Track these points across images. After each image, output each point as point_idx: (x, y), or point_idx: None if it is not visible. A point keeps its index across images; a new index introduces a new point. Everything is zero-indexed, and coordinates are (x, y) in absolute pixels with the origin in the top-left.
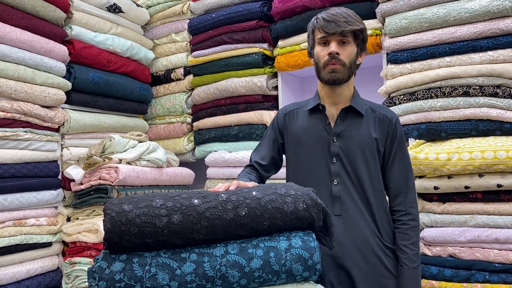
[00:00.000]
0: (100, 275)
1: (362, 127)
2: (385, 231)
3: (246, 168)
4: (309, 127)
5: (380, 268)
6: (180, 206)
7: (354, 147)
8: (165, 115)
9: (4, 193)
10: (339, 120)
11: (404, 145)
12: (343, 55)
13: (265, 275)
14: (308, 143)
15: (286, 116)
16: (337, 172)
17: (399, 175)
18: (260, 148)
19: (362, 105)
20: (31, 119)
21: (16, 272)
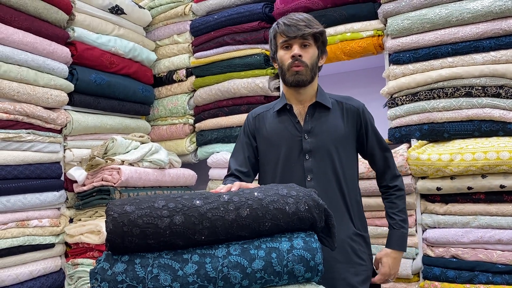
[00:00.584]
0: (102, 276)
1: (330, 120)
2: (357, 219)
3: (228, 178)
4: (279, 128)
5: (353, 256)
6: (182, 207)
7: (325, 141)
8: (167, 116)
9: (7, 194)
10: (308, 117)
11: (375, 128)
12: (306, 57)
13: (267, 276)
14: (279, 143)
15: (256, 119)
16: (310, 168)
17: (380, 158)
18: (236, 154)
19: (328, 99)
20: (33, 121)
21: (19, 273)
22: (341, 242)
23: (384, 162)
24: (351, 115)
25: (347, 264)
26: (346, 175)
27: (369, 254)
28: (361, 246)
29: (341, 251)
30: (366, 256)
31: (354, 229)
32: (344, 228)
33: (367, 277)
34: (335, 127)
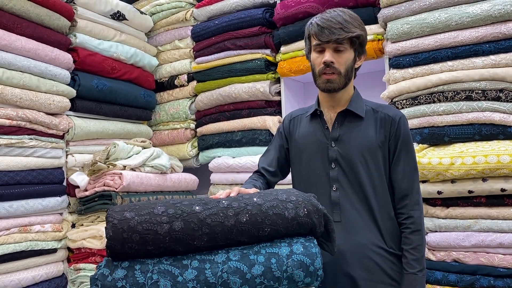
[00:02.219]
0: (103, 282)
1: (361, 130)
2: (390, 237)
3: (254, 174)
4: (309, 133)
5: (380, 275)
6: (181, 213)
7: (353, 151)
8: (169, 121)
9: (9, 200)
10: (337, 124)
11: (410, 145)
12: (339, 63)
13: (267, 282)
14: (308, 149)
15: (291, 122)
16: (335, 178)
17: (403, 176)
18: (268, 154)
19: (362, 106)
20: (36, 127)
21: (21, 278)
22: (365, 259)
23: (408, 184)
24: (385, 125)
25: (374, 282)
26: (376, 189)
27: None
28: (394, 266)
29: (366, 268)
30: (399, 278)
31: (385, 247)
32: (369, 244)
33: None
34: (365, 136)
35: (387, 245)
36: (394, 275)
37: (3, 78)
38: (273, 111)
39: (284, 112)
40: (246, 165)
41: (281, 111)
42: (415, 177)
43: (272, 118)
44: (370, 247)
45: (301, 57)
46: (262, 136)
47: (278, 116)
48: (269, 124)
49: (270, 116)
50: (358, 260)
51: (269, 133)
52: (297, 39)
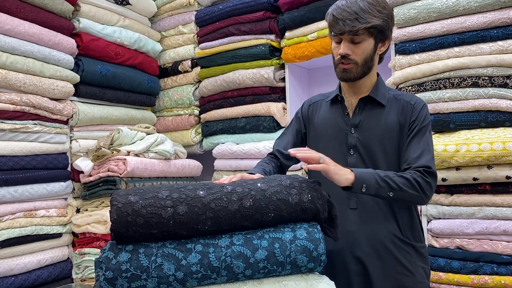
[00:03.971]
0: (107, 265)
1: (382, 117)
2: (406, 227)
3: (267, 156)
4: (329, 118)
5: (394, 264)
6: (185, 198)
7: (372, 139)
8: (172, 107)
9: (14, 184)
10: (358, 110)
11: (427, 131)
12: (355, 53)
13: (270, 266)
14: (327, 134)
15: (310, 107)
16: (353, 164)
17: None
18: (284, 137)
19: (384, 94)
20: (40, 112)
21: (27, 262)
22: (380, 247)
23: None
24: (406, 113)
25: (388, 271)
26: None
27: (423, 267)
28: (410, 256)
29: (380, 256)
30: (414, 268)
31: (401, 237)
32: (385, 232)
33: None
34: (386, 124)
35: (403, 235)
36: (408, 265)
37: (6, 63)
38: (277, 98)
39: (289, 99)
40: (249, 152)
41: (285, 97)
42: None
43: (276, 105)
44: (386, 236)
45: (306, 43)
46: (266, 122)
47: (282, 102)
48: (273, 110)
49: (274, 103)
50: (372, 248)
51: (273, 120)
52: (302, 24)
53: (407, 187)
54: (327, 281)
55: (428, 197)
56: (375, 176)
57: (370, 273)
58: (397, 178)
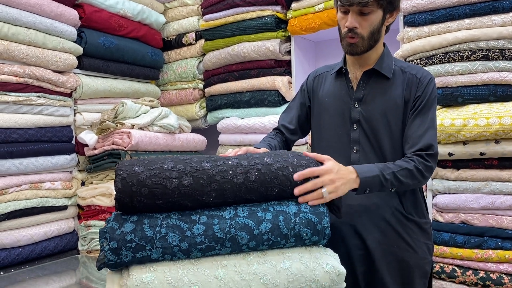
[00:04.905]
0: (112, 235)
1: (387, 91)
2: (409, 202)
3: (272, 131)
4: (333, 92)
5: (396, 240)
6: (190, 169)
7: (376, 113)
8: (176, 81)
9: (19, 157)
10: (362, 84)
11: (432, 108)
12: (363, 26)
13: (274, 238)
14: (331, 109)
15: (316, 79)
16: (357, 139)
17: (415, 131)
18: (289, 111)
19: (390, 66)
20: (43, 84)
21: (33, 234)
22: (382, 221)
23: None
24: (411, 87)
25: (388, 246)
26: (398, 152)
27: (425, 243)
28: (412, 232)
29: (381, 230)
30: (417, 244)
31: (404, 213)
32: (387, 206)
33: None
34: (391, 98)
35: (406, 211)
36: (411, 241)
37: (8, 34)
38: (282, 71)
39: (294, 72)
40: (254, 126)
41: (291, 71)
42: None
43: (282, 78)
44: (388, 211)
45: (313, 14)
46: (271, 96)
47: (287, 76)
48: (278, 84)
49: (280, 76)
50: (373, 223)
51: (278, 94)
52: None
53: (409, 180)
54: (331, 254)
55: (428, 179)
56: (380, 178)
57: (369, 248)
58: (400, 172)
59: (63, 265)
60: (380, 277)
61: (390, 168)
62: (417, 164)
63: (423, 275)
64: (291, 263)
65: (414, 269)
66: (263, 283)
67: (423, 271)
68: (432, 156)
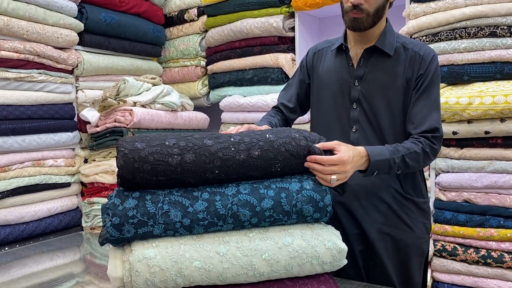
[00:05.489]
0: (114, 211)
1: (388, 69)
2: (408, 182)
3: (272, 110)
4: (333, 70)
5: (393, 219)
6: (192, 146)
7: (376, 92)
8: (179, 58)
9: (21, 134)
10: (362, 61)
11: (435, 87)
12: (369, 3)
13: (276, 215)
14: (330, 86)
15: (315, 55)
16: (356, 118)
17: (419, 111)
18: (288, 88)
19: (392, 43)
20: (44, 61)
21: (37, 210)
22: (379, 201)
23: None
24: (413, 64)
25: (385, 225)
26: (397, 132)
27: (423, 223)
28: (410, 212)
29: (378, 209)
30: (414, 224)
31: (402, 192)
32: (384, 186)
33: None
34: (392, 76)
35: (404, 191)
36: (408, 221)
37: (8, 9)
38: (286, 48)
39: (298, 49)
40: (257, 104)
41: (294, 48)
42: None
43: (285, 56)
44: (386, 190)
45: None
46: (274, 74)
47: (291, 53)
48: (281, 62)
49: (283, 53)
50: (369, 202)
51: (282, 71)
52: None
53: (415, 163)
54: (333, 231)
55: (431, 161)
56: (389, 162)
57: (363, 227)
58: (409, 155)
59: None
60: (378, 256)
61: (400, 151)
62: (425, 146)
63: (420, 254)
64: (292, 239)
65: (411, 248)
66: (264, 259)
67: (420, 250)
68: (438, 139)
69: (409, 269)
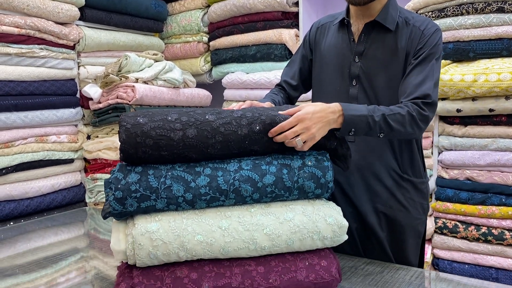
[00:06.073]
0: (116, 185)
1: (389, 44)
2: (406, 162)
3: (275, 87)
4: (335, 45)
5: (388, 199)
6: (194, 121)
7: (376, 69)
8: (181, 33)
9: (24, 110)
10: (363, 36)
11: (433, 60)
12: None
13: (278, 191)
14: (331, 63)
15: (318, 30)
16: (355, 96)
17: (412, 81)
18: (291, 64)
19: (393, 17)
20: (45, 36)
21: (41, 186)
22: (374, 180)
23: (414, 86)
24: (413, 40)
25: (380, 205)
26: None
27: (421, 203)
28: (406, 192)
29: (373, 191)
30: (410, 204)
31: (400, 172)
32: (381, 166)
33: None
34: (392, 53)
35: (402, 170)
36: (404, 201)
37: None
38: (289, 24)
39: (302, 25)
40: (260, 82)
41: (298, 23)
42: (428, 83)
43: (289, 31)
44: (382, 168)
45: None
46: (277, 50)
47: (295, 29)
48: (285, 37)
49: (287, 29)
50: (363, 181)
51: (285, 48)
52: None
53: (399, 126)
54: (334, 207)
55: (422, 130)
56: (367, 119)
57: (357, 205)
58: (391, 116)
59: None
60: (374, 234)
61: (381, 110)
62: (411, 110)
63: (416, 235)
64: (294, 215)
65: (405, 228)
66: (266, 234)
67: (416, 231)
68: (429, 105)
69: (404, 249)
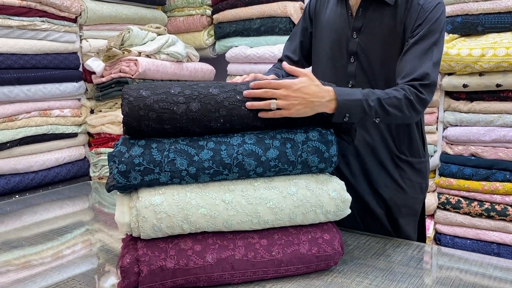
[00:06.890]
0: (120, 158)
1: (388, 20)
2: (403, 141)
3: (278, 62)
4: (333, 20)
5: (384, 178)
6: (198, 95)
7: (374, 45)
8: (184, 6)
9: (27, 83)
10: (361, 11)
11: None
12: None
13: (281, 165)
14: (329, 38)
15: (318, 1)
16: (353, 73)
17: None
18: (293, 38)
19: None
20: (47, 8)
21: (45, 159)
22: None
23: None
24: (411, 15)
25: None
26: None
27: (419, 183)
28: (403, 172)
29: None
30: (407, 184)
31: (396, 152)
32: (377, 145)
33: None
34: (392, 28)
35: (398, 150)
36: (400, 181)
37: None
38: None
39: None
40: (264, 56)
41: None
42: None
43: (294, 4)
44: (378, 150)
45: None
46: (282, 24)
47: (300, 1)
48: (289, 10)
49: (291, 2)
50: (358, 160)
51: (290, 21)
52: None
53: (396, 110)
54: (337, 181)
55: (420, 114)
56: (362, 103)
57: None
58: (387, 100)
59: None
60: (371, 212)
61: (376, 94)
62: (408, 94)
63: (413, 214)
64: (297, 189)
65: (401, 208)
66: (269, 207)
67: (412, 210)
68: (427, 87)
69: (401, 225)
